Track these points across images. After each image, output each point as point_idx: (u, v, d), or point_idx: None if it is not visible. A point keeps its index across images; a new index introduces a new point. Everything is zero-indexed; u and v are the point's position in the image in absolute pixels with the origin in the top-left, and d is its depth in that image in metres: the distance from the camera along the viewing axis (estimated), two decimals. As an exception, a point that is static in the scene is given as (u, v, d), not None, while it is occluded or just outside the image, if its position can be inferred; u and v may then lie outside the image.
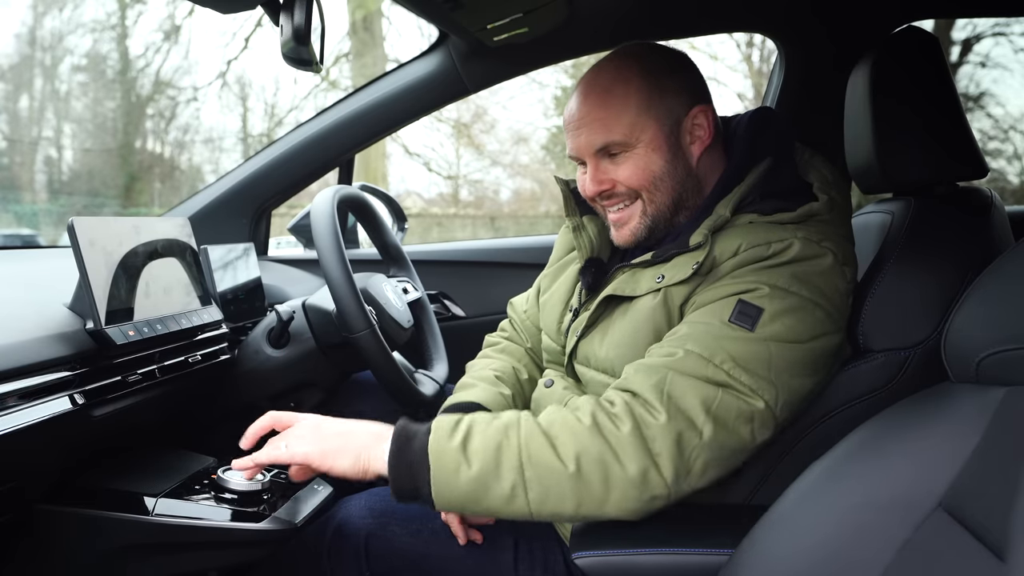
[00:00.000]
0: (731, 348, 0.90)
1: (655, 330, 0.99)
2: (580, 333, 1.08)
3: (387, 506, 1.10)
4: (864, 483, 0.71)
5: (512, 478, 0.85)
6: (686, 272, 0.98)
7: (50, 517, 1.03)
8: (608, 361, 1.04)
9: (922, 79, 1.12)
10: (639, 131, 1.01)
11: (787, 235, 0.96)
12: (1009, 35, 7.94)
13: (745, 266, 0.95)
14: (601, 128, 1.02)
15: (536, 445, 0.86)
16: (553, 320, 1.19)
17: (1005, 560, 0.55)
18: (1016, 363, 0.64)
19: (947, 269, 1.01)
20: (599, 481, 0.85)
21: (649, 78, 1.02)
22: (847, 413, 1.00)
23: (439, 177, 11.18)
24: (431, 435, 0.88)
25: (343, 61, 10.30)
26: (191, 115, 11.27)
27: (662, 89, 1.02)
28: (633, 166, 1.02)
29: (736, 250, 0.97)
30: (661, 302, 1.00)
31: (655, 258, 1.03)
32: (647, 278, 1.02)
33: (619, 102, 1.01)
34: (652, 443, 0.86)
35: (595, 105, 1.02)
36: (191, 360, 1.16)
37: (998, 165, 8.13)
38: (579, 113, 1.04)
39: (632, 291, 1.03)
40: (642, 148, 1.02)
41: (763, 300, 0.92)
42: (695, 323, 0.94)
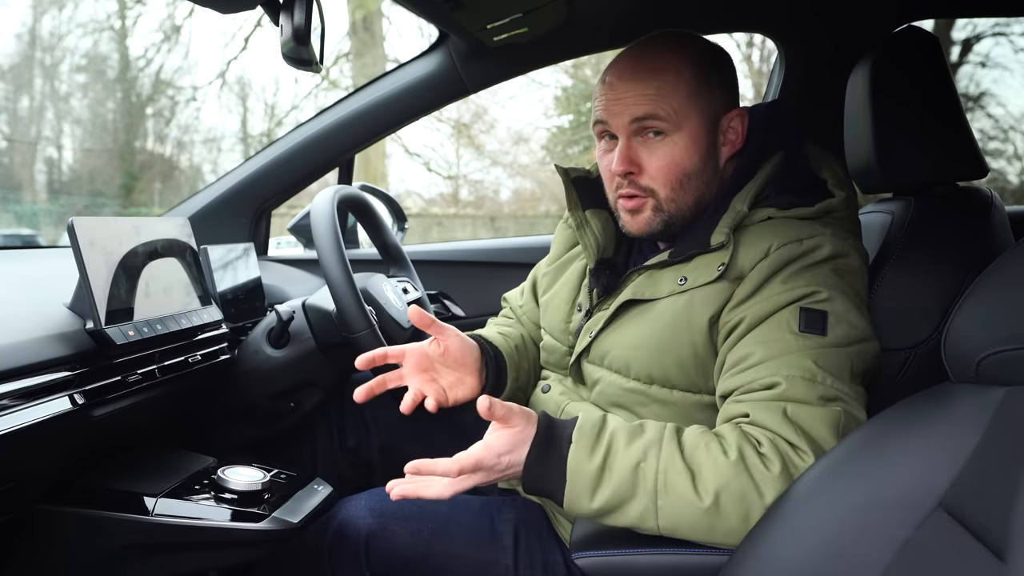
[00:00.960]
0: (819, 360, 0.87)
1: (676, 333, 0.97)
2: (595, 334, 1.06)
3: (387, 506, 1.10)
4: (864, 483, 0.71)
5: (644, 504, 0.84)
6: (711, 274, 0.95)
7: (50, 517, 1.03)
8: (623, 361, 1.02)
9: (922, 79, 1.12)
10: (683, 117, 0.98)
11: (815, 232, 0.95)
12: (1009, 35, 7.94)
13: (784, 268, 0.93)
14: (648, 101, 0.97)
15: (674, 474, 0.84)
16: (559, 320, 1.16)
17: (1005, 560, 0.55)
18: (1016, 363, 0.64)
19: (947, 269, 1.01)
20: (738, 517, 0.82)
21: (701, 67, 0.99)
22: (847, 413, 1.00)
23: (439, 177, 11.19)
24: (572, 446, 0.86)
25: (343, 61, 10.31)
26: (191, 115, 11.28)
27: (710, 82, 1.00)
28: (667, 156, 0.98)
29: (767, 251, 0.94)
30: (684, 305, 0.97)
31: (672, 258, 1.00)
32: (667, 280, 1.00)
33: (671, 80, 0.97)
34: None
35: (645, 76, 0.97)
36: (191, 360, 1.16)
37: (998, 165, 8.13)
38: (622, 85, 0.98)
39: (652, 294, 1.00)
40: (681, 136, 0.98)
41: (823, 304, 0.90)
42: (767, 342, 0.90)
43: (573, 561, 0.92)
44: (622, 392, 1.02)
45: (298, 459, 1.38)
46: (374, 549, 1.05)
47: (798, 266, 0.93)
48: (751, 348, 0.90)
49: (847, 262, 0.94)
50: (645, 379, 1.00)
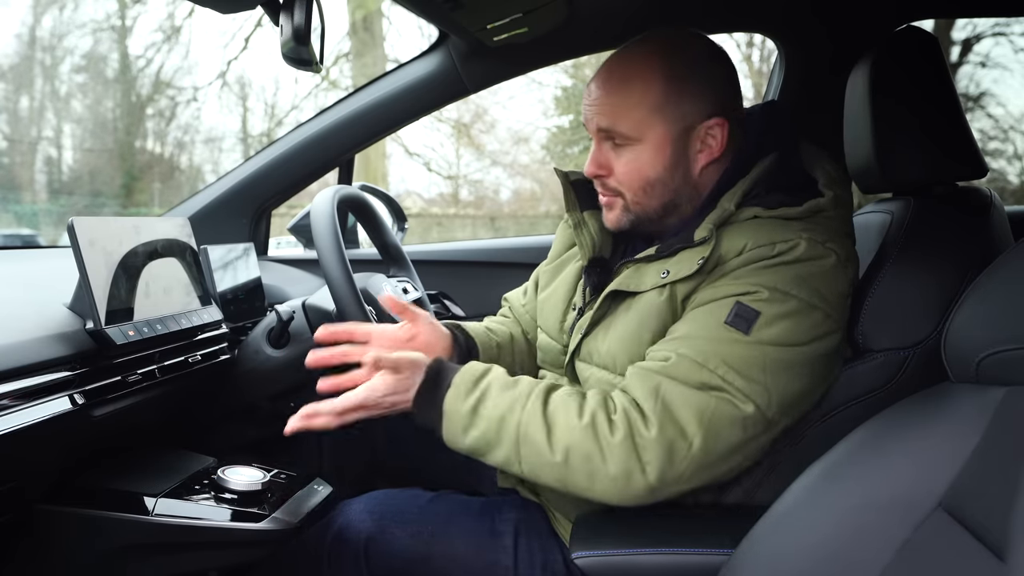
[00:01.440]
0: (725, 352, 0.91)
1: (660, 325, 0.99)
2: (584, 331, 1.08)
3: (386, 509, 1.10)
4: (864, 483, 0.71)
5: (508, 450, 0.93)
6: (691, 267, 0.97)
7: (50, 517, 1.03)
8: (610, 356, 1.03)
9: (922, 79, 1.12)
10: (646, 128, 1.01)
11: (792, 235, 0.96)
12: (1009, 35, 7.94)
13: (746, 266, 0.95)
14: (610, 114, 1.02)
15: (534, 428, 0.92)
16: (555, 319, 1.18)
17: (1005, 560, 0.55)
18: (1016, 363, 0.64)
19: (946, 269, 1.01)
20: (583, 475, 0.90)
21: (672, 79, 1.00)
22: (847, 413, 1.00)
23: (439, 177, 11.20)
24: (450, 390, 0.95)
25: (343, 61, 10.31)
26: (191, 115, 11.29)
27: (681, 92, 1.00)
28: (631, 162, 1.02)
29: (742, 249, 0.96)
30: (667, 298, 0.99)
31: (659, 253, 1.02)
32: (652, 273, 1.02)
33: (635, 95, 1.00)
34: (643, 452, 0.89)
35: (612, 91, 1.02)
36: (191, 360, 1.16)
37: (998, 165, 8.14)
38: (596, 92, 1.03)
39: (636, 286, 1.02)
40: (645, 146, 1.01)
41: (761, 304, 0.92)
42: (692, 322, 0.95)
43: (573, 561, 0.92)
44: (608, 387, 1.02)
45: (299, 457, 1.38)
46: (374, 552, 1.05)
47: (759, 265, 0.95)
48: (679, 327, 0.96)
49: (819, 264, 0.95)
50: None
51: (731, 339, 0.91)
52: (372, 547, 1.06)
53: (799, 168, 1.05)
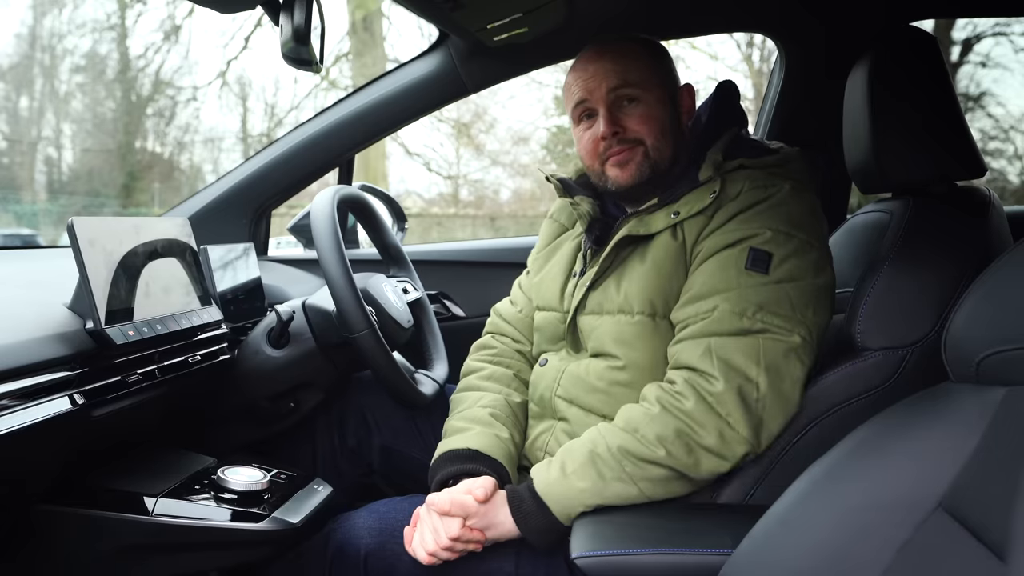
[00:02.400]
0: (754, 296, 1.01)
1: (674, 267, 1.09)
2: (590, 284, 1.15)
3: (384, 524, 1.09)
4: (864, 483, 0.71)
5: (616, 475, 0.99)
6: (704, 201, 1.09)
7: (50, 517, 1.03)
8: (626, 300, 1.11)
9: (921, 79, 1.12)
10: (649, 82, 1.14)
11: (778, 180, 1.08)
12: (1009, 35, 7.94)
13: (747, 210, 1.06)
14: (619, 73, 1.13)
15: (624, 443, 0.99)
16: (554, 290, 1.25)
17: (1005, 560, 0.55)
18: (1016, 363, 0.64)
19: (945, 268, 1.02)
20: (687, 455, 0.98)
21: (652, 55, 1.18)
22: (845, 411, 1.00)
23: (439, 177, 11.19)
24: (533, 481, 1.02)
25: (343, 61, 10.31)
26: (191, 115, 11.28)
27: (661, 62, 1.18)
28: (644, 113, 1.14)
29: (739, 191, 1.08)
30: (681, 238, 1.10)
31: (662, 201, 1.13)
32: (660, 218, 1.12)
33: (633, 58, 1.15)
34: (719, 407, 0.98)
35: (612, 59, 1.14)
36: (191, 360, 1.16)
37: (998, 165, 8.13)
38: (595, 63, 1.15)
39: (646, 230, 1.12)
40: (652, 99, 1.14)
41: (769, 245, 1.03)
42: (714, 275, 1.04)
43: (574, 562, 0.92)
44: (624, 328, 1.11)
45: (298, 458, 1.38)
46: (374, 567, 1.05)
47: (757, 209, 1.06)
48: (701, 279, 1.05)
49: (804, 205, 1.07)
50: (649, 312, 1.10)
51: (755, 283, 1.01)
52: (372, 563, 1.05)
53: (760, 140, 1.19)
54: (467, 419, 1.18)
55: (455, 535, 1.00)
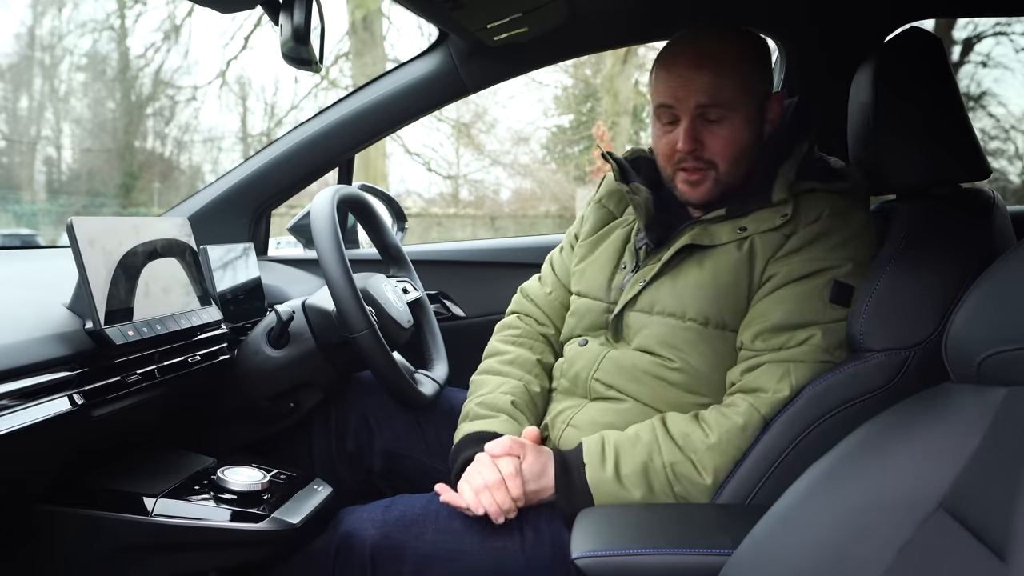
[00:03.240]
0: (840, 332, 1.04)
1: (737, 278, 1.09)
2: (648, 281, 1.15)
3: (388, 515, 1.09)
4: (865, 483, 0.71)
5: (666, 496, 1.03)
6: (773, 222, 1.09)
7: (50, 517, 1.03)
8: (679, 304, 1.12)
9: (924, 80, 1.12)
10: (739, 102, 1.11)
11: (854, 208, 1.09)
12: (1010, 35, 7.95)
13: (827, 237, 1.07)
14: (710, 90, 1.09)
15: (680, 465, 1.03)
16: (601, 280, 1.24)
17: (1006, 560, 0.55)
18: (1018, 363, 0.64)
19: (948, 269, 1.01)
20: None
21: (754, 59, 1.14)
22: (847, 412, 1.00)
23: (439, 177, 11.20)
24: (586, 467, 1.04)
25: (343, 61, 10.31)
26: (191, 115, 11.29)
27: (761, 70, 1.15)
28: (726, 135, 1.11)
29: (818, 215, 1.08)
30: (746, 253, 1.10)
31: (730, 213, 1.13)
32: (725, 230, 1.12)
33: (730, 70, 1.10)
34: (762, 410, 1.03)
35: (708, 66, 1.10)
36: (191, 360, 1.16)
37: (999, 165, 8.14)
38: (687, 73, 1.10)
39: (710, 241, 1.12)
40: (739, 117, 1.11)
41: (851, 278, 1.05)
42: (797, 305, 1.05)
43: (575, 562, 0.91)
44: (674, 332, 1.12)
45: (298, 459, 1.37)
46: (380, 559, 1.05)
47: (841, 237, 1.06)
48: (784, 308, 1.06)
49: (874, 238, 1.09)
50: (701, 320, 1.11)
51: (839, 317, 1.04)
52: (378, 556, 1.05)
53: (823, 158, 1.18)
54: (489, 406, 1.20)
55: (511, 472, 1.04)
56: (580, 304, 1.26)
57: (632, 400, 1.13)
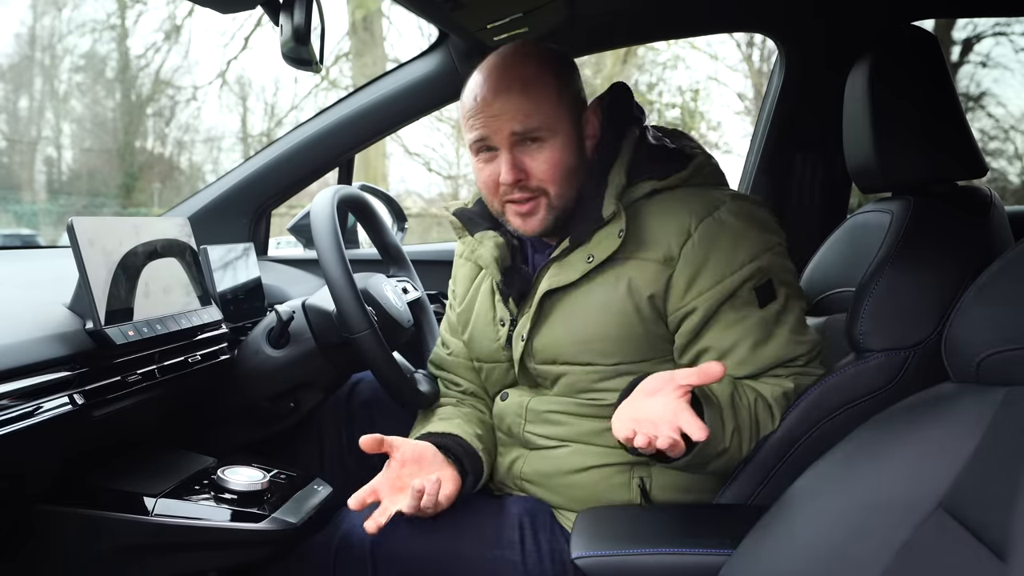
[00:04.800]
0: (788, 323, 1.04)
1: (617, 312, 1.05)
2: (527, 334, 1.12)
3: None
4: (864, 483, 0.71)
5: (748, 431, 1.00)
6: (614, 243, 1.04)
7: (50, 517, 1.03)
8: (578, 353, 1.08)
9: (921, 78, 1.12)
10: (555, 122, 1.06)
11: (715, 199, 1.06)
12: (1010, 35, 7.94)
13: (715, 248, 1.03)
14: (523, 116, 1.04)
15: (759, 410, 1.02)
16: (488, 343, 1.20)
17: (1006, 560, 0.55)
18: (1017, 363, 0.64)
19: (947, 269, 1.01)
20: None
21: (561, 77, 1.08)
22: (848, 413, 1.00)
23: (439, 177, 11.18)
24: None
25: (343, 61, 10.31)
26: (191, 115, 11.29)
27: (568, 89, 1.09)
28: (548, 157, 1.06)
29: (687, 230, 1.04)
30: (625, 291, 1.05)
31: (573, 243, 1.08)
32: (575, 263, 1.08)
33: (541, 93, 1.05)
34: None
35: (517, 94, 1.04)
36: (191, 360, 1.16)
37: (999, 165, 8.13)
38: (499, 101, 1.05)
39: (567, 279, 1.08)
40: (558, 139, 1.06)
41: (764, 276, 1.03)
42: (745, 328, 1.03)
43: (574, 562, 0.92)
44: (588, 375, 1.09)
45: (303, 457, 1.38)
46: (380, 556, 1.05)
47: (728, 242, 1.03)
48: (734, 332, 1.03)
49: (749, 212, 1.07)
50: (612, 362, 1.07)
51: (778, 311, 1.04)
52: (378, 553, 1.05)
53: (658, 139, 1.13)
54: (439, 417, 1.20)
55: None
56: (485, 369, 1.23)
57: (572, 443, 1.11)
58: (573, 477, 1.10)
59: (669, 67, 9.77)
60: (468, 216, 1.22)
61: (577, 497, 1.09)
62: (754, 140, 1.85)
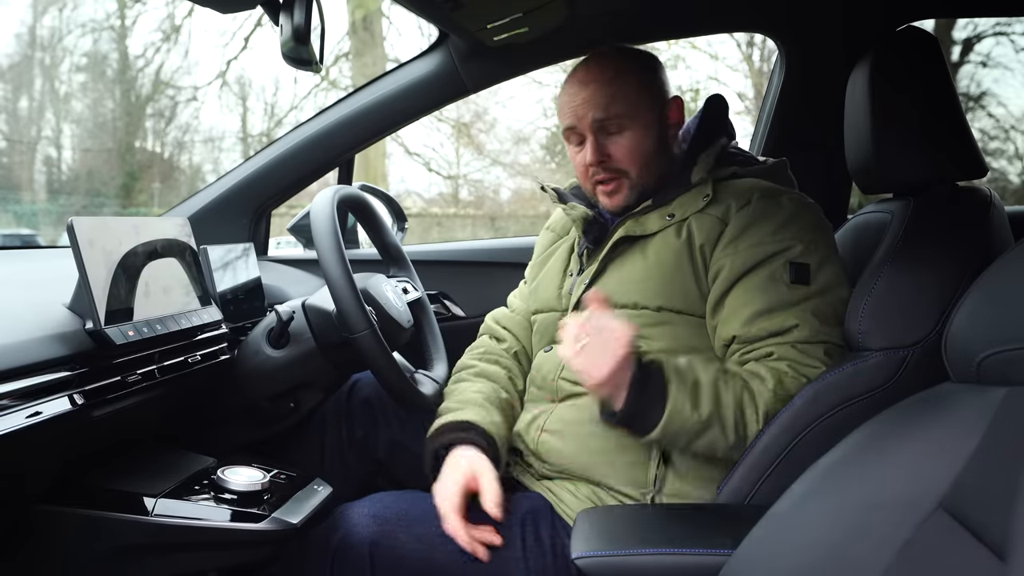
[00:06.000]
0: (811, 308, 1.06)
1: (678, 263, 1.13)
2: (590, 279, 1.20)
3: (390, 512, 1.09)
4: (865, 483, 0.71)
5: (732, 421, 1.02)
6: (697, 204, 1.15)
7: (50, 517, 1.03)
8: (628, 296, 1.15)
9: (921, 79, 1.12)
10: (635, 110, 1.17)
11: (785, 191, 1.15)
12: (1010, 35, 7.94)
13: (762, 220, 1.10)
14: (605, 103, 1.16)
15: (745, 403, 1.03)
16: (551, 292, 1.30)
17: (1006, 560, 0.55)
18: (1017, 363, 0.64)
19: (947, 268, 1.01)
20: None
21: (642, 71, 1.20)
22: (847, 412, 1.00)
23: (439, 177, 11.19)
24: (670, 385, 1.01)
25: (343, 61, 10.31)
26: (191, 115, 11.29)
27: (651, 81, 1.21)
28: (627, 142, 1.17)
29: (749, 199, 1.13)
30: (680, 237, 1.13)
31: (655, 203, 1.18)
32: (654, 219, 1.17)
33: (622, 84, 1.17)
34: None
35: (601, 84, 1.16)
36: (191, 360, 1.16)
37: (999, 165, 8.13)
38: (583, 91, 1.17)
39: (643, 231, 1.17)
40: (638, 124, 1.17)
41: (804, 256, 1.08)
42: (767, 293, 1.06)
43: (574, 562, 0.91)
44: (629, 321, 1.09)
45: (304, 453, 1.38)
46: (379, 557, 1.05)
47: (779, 219, 1.10)
48: (751, 296, 1.07)
49: (817, 215, 1.14)
50: (653, 307, 1.14)
51: (805, 295, 1.06)
52: (377, 552, 1.05)
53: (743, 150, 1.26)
54: (460, 402, 1.23)
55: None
56: (539, 320, 1.32)
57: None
58: (595, 427, 1.11)
59: (669, 67, 9.77)
60: (561, 193, 1.33)
61: (593, 447, 1.12)
62: (754, 140, 1.85)
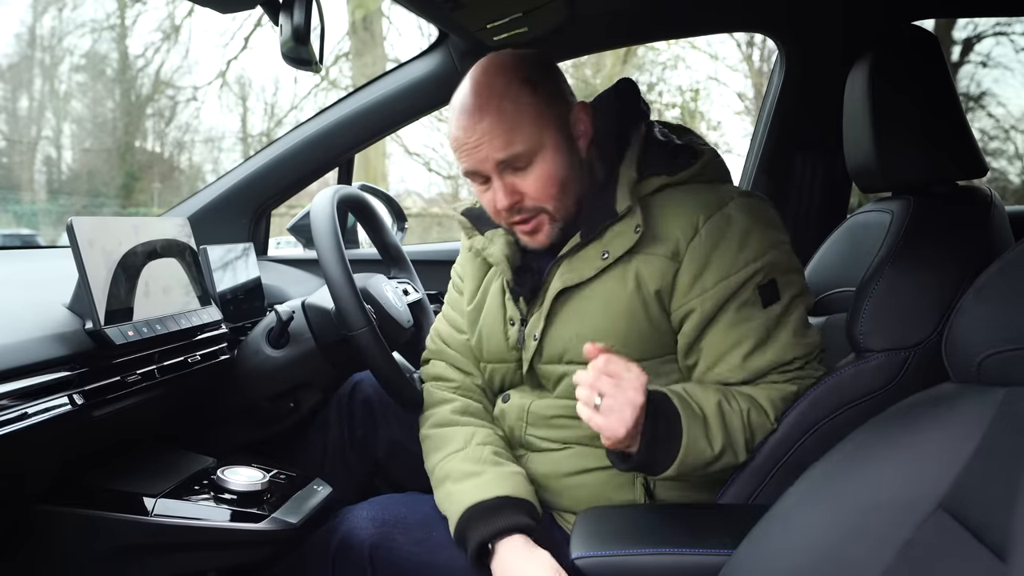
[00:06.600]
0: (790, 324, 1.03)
1: (626, 309, 1.05)
2: (540, 334, 1.10)
3: (390, 515, 1.09)
4: (865, 484, 0.71)
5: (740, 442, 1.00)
6: (630, 239, 1.03)
7: (50, 517, 1.03)
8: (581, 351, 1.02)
9: (921, 78, 1.12)
10: (538, 137, 1.02)
11: (723, 195, 1.05)
12: (1010, 35, 7.94)
13: (720, 243, 1.02)
14: (503, 143, 1.01)
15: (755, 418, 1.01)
16: (498, 342, 1.17)
17: (1006, 560, 0.55)
18: (1017, 363, 0.64)
19: (947, 268, 1.01)
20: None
21: (533, 84, 1.03)
22: (848, 414, 1.00)
23: (439, 177, 11.17)
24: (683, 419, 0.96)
25: (343, 61, 10.30)
26: (191, 115, 11.29)
27: (546, 94, 1.04)
28: (539, 175, 1.03)
29: (695, 226, 1.02)
30: (633, 288, 1.04)
31: (584, 238, 1.06)
32: (589, 259, 1.06)
33: (515, 110, 1.01)
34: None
35: (492, 119, 1.01)
36: (190, 360, 1.16)
37: (999, 165, 8.12)
38: (476, 132, 1.02)
39: (580, 277, 1.06)
40: (546, 154, 1.03)
41: (768, 273, 1.02)
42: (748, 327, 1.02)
43: (575, 562, 0.91)
44: None
45: (305, 452, 1.38)
46: (379, 560, 1.05)
47: (735, 241, 1.02)
48: (734, 337, 1.02)
49: (763, 212, 1.06)
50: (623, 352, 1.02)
51: (780, 312, 1.02)
52: (377, 555, 1.05)
53: (666, 135, 1.12)
54: (473, 460, 1.10)
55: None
56: (490, 370, 1.21)
57: (573, 445, 1.11)
58: (575, 479, 1.10)
59: (669, 67, 9.76)
60: (476, 215, 1.20)
61: (580, 498, 1.09)
62: (754, 140, 1.85)
